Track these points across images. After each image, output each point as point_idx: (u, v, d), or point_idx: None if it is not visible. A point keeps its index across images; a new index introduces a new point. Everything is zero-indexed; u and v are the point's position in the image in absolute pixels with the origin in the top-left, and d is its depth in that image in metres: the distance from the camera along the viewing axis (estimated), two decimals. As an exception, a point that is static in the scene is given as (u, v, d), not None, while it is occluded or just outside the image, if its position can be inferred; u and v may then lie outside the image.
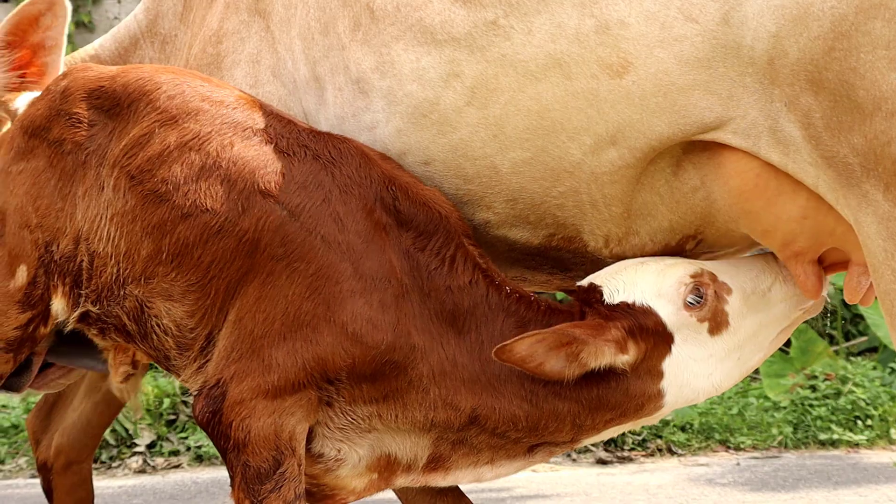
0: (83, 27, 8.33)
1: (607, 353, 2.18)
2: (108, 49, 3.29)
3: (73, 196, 2.48)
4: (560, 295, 5.86)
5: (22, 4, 3.07)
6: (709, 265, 2.30)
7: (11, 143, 2.62)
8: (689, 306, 2.23)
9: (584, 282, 2.33)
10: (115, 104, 2.49)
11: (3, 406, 5.92)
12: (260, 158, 2.32)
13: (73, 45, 8.35)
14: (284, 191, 2.29)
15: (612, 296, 2.26)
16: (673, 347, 2.24)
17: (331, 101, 2.52)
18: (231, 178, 2.30)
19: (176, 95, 2.43)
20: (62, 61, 3.13)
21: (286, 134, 2.37)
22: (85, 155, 2.48)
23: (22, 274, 2.53)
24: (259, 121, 2.39)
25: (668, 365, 2.24)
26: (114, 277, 2.40)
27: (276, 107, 2.52)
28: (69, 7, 3.10)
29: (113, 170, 2.41)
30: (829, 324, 6.70)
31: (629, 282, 2.26)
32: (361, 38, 2.43)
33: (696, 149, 2.20)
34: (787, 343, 5.99)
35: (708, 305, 2.24)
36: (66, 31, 3.12)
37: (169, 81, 2.47)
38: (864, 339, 6.70)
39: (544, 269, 2.55)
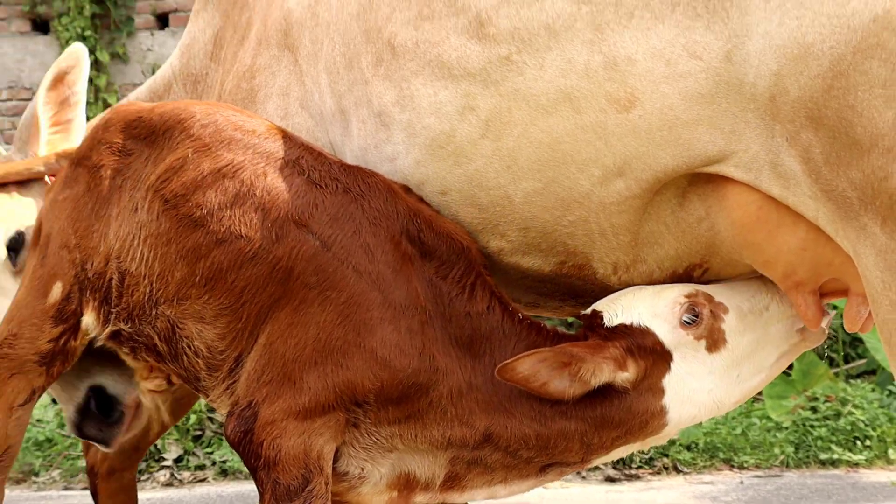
0: (118, 58, 8.38)
1: (606, 370, 2.19)
2: (143, 98, 3.33)
3: (107, 217, 2.50)
4: (571, 319, 5.85)
5: (54, 64, 3.13)
6: (706, 286, 2.30)
7: (62, 175, 2.68)
8: (684, 325, 2.23)
9: (588, 310, 2.34)
10: (151, 132, 2.52)
11: (38, 420, 5.94)
12: (293, 189, 2.32)
13: (107, 75, 8.44)
14: (317, 221, 2.29)
15: (612, 319, 2.27)
16: (672, 365, 2.24)
17: (355, 132, 2.52)
18: (265, 207, 2.30)
19: (209, 124, 2.45)
20: (84, 115, 3.19)
21: (318, 166, 2.37)
22: (121, 179, 2.51)
23: (57, 290, 2.55)
24: (291, 152, 2.39)
25: (669, 382, 2.24)
26: (146, 297, 2.41)
27: (305, 138, 2.52)
28: (87, 63, 3.16)
29: (147, 193, 2.43)
30: (829, 347, 6.66)
31: (627, 305, 2.27)
32: (383, 73, 2.44)
33: (700, 181, 2.19)
34: (790, 366, 5.96)
35: (704, 323, 2.24)
36: (85, 86, 3.17)
37: (202, 111, 2.49)
38: (863, 361, 6.66)
39: (556, 295, 2.54)
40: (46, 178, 3.09)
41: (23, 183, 3.12)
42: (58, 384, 2.90)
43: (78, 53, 3.17)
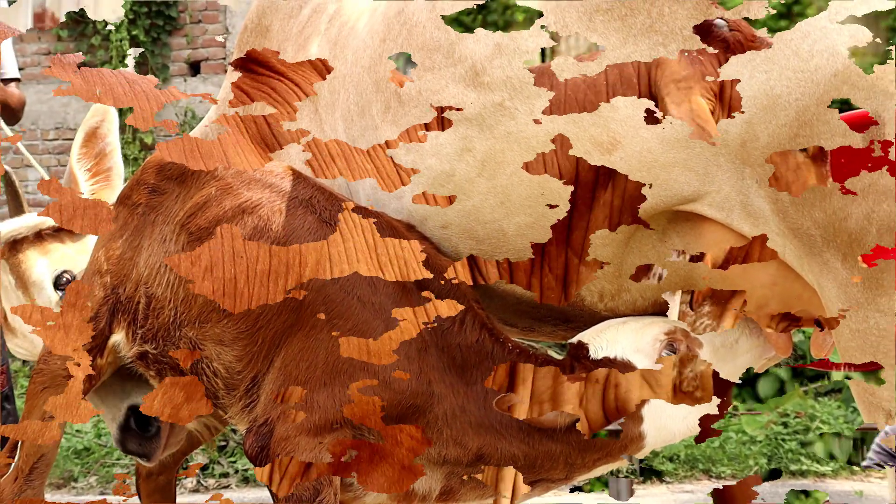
0: (154, 103, 8.40)
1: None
2: None
3: (139, 248, 2.49)
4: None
5: (84, 120, 3.14)
6: (682, 322, 2.28)
7: None
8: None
9: (574, 339, 2.31)
10: (181, 173, 2.51)
11: (78, 431, 5.92)
12: (305, 226, 2.31)
13: (145, 119, 8.43)
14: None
15: (597, 352, 2.24)
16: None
17: (367, 173, 2.51)
18: (280, 242, 2.29)
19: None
20: (121, 161, 3.20)
21: (328, 206, 2.36)
22: (155, 215, 2.50)
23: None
24: (305, 192, 2.38)
25: (648, 411, 2.22)
26: (171, 319, 2.39)
27: (318, 179, 2.52)
28: (116, 115, 3.18)
29: (176, 227, 2.42)
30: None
31: (611, 340, 2.25)
32: (391, 119, 2.43)
33: (679, 219, 2.18)
34: (763, 384, 5.97)
35: None
36: (117, 136, 3.18)
37: None
38: (829, 381, 6.63)
39: (549, 320, 2.52)
40: None
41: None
42: (104, 406, 2.90)
43: (103, 108, 3.18)
